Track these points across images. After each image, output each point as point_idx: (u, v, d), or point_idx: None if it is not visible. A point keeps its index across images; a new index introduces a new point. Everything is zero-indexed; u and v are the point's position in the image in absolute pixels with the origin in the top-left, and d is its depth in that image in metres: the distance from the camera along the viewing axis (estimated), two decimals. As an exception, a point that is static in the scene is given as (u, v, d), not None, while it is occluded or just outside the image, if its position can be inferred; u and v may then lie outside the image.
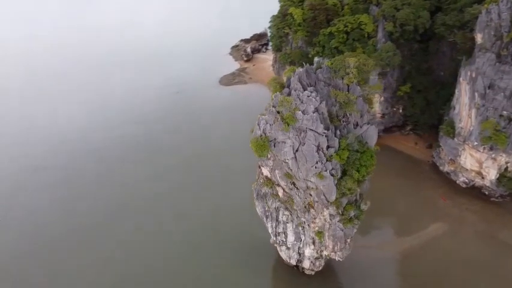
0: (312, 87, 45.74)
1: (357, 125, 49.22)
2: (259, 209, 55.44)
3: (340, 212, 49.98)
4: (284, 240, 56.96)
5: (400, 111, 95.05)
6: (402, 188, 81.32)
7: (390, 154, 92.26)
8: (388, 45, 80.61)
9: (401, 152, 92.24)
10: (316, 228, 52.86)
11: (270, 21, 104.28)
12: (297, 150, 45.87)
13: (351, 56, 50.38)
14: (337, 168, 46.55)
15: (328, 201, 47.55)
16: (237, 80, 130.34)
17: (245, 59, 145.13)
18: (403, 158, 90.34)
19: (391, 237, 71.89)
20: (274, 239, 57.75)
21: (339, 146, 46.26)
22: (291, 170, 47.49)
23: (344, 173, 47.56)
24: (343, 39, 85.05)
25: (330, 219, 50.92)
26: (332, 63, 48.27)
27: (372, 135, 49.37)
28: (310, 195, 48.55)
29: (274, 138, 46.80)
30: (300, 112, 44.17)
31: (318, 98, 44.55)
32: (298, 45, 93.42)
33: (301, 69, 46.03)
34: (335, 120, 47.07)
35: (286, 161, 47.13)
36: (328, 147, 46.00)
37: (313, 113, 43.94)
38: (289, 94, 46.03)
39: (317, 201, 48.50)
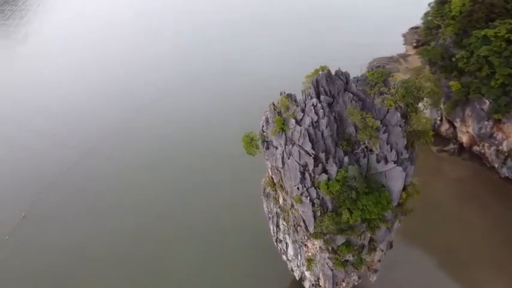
0: (326, 96, 37.34)
1: (385, 159, 38.49)
2: (264, 207, 50.96)
3: (329, 248, 41.83)
4: (285, 249, 51.55)
5: None
6: (504, 259, 61.54)
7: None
8: (556, 71, 57.09)
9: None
10: (309, 254, 45.90)
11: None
12: (284, 162, 39.44)
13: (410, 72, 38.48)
14: (326, 200, 38.25)
15: (307, 231, 40.21)
16: (390, 66, 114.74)
17: (415, 44, 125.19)
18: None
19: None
20: (276, 244, 52.78)
21: (336, 176, 37.49)
22: (282, 180, 41.48)
23: (335, 209, 38.78)
24: (499, 49, 64.03)
25: (320, 252, 43.33)
26: (373, 75, 38.05)
27: (395, 177, 38.07)
28: (295, 217, 41.85)
29: (271, 140, 41.15)
30: (293, 120, 37.22)
31: (322, 111, 36.29)
32: (444, 43, 74.94)
33: (321, 72, 37.82)
34: (345, 144, 37.82)
35: (279, 168, 41.21)
36: (324, 172, 37.85)
37: (309, 126, 36.31)
38: (303, 97, 39.02)
39: (299, 226, 41.63)
